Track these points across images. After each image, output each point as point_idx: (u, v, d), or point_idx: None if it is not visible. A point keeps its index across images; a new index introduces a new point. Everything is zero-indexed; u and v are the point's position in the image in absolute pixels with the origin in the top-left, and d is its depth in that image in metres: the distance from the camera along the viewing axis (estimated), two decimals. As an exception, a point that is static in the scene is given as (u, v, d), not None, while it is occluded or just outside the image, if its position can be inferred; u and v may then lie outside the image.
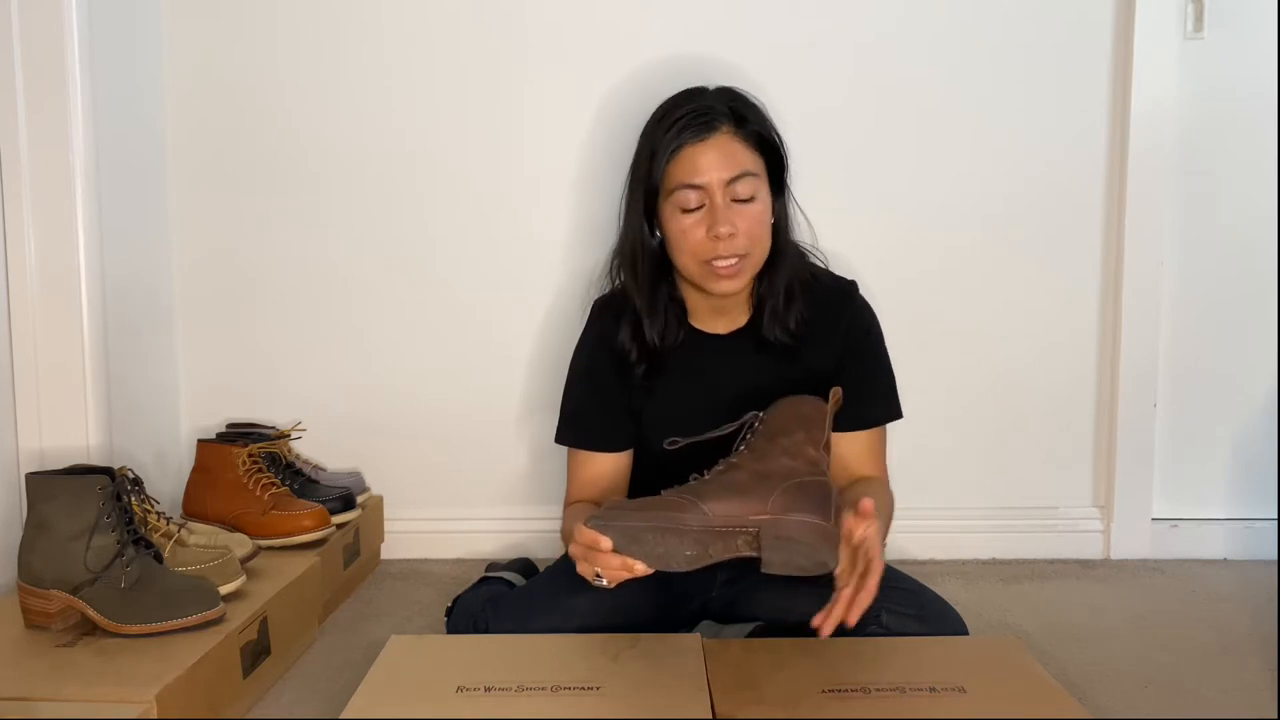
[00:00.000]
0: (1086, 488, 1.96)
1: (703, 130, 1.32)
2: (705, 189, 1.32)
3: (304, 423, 1.90)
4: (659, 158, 1.34)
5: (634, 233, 1.41)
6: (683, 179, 1.32)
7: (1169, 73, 1.85)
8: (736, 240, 1.32)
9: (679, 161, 1.33)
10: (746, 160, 1.33)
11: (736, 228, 1.31)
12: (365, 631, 1.62)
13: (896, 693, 1.12)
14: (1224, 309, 1.92)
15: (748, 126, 1.35)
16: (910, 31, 1.87)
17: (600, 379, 1.45)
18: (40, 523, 1.28)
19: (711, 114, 1.33)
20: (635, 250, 1.41)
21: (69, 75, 1.59)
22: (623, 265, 1.44)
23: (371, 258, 1.93)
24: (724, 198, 1.31)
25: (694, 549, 1.09)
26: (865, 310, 1.46)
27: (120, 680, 1.14)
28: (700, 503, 1.10)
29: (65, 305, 1.62)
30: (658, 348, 1.42)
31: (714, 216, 1.31)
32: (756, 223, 1.33)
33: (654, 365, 1.43)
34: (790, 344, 1.40)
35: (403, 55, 1.89)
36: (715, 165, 1.32)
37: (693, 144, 1.32)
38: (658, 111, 1.40)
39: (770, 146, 1.37)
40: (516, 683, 1.14)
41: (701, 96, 1.37)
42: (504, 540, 1.96)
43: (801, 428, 1.15)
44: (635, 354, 1.43)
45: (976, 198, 1.90)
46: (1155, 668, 1.46)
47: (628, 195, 1.42)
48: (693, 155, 1.32)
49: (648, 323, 1.41)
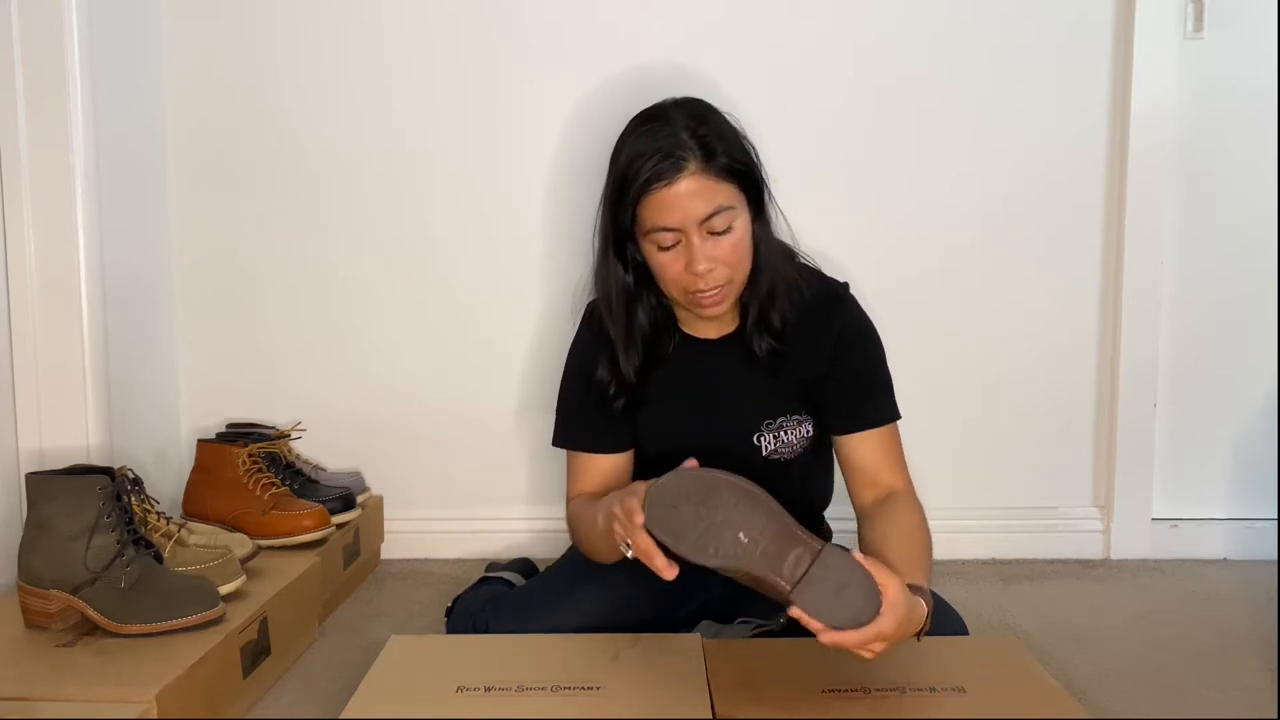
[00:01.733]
0: (1086, 488, 1.96)
1: (670, 170, 1.26)
2: (680, 229, 1.28)
3: (304, 423, 1.90)
4: (626, 200, 1.29)
5: (608, 270, 1.37)
6: (656, 221, 1.28)
7: (1169, 73, 1.85)
8: (716, 273, 1.29)
9: (649, 203, 1.28)
10: (719, 195, 1.27)
11: (715, 260, 1.28)
12: (365, 631, 1.62)
13: (896, 693, 1.12)
14: (1224, 309, 1.92)
15: (717, 160, 1.27)
16: (910, 32, 1.87)
17: (593, 379, 1.44)
18: (40, 523, 1.28)
19: (678, 151, 1.26)
20: (609, 287, 1.38)
21: (69, 75, 1.59)
22: (599, 299, 1.41)
23: (372, 258, 1.93)
24: (700, 235, 1.27)
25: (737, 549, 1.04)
26: (856, 311, 1.44)
27: (120, 680, 1.14)
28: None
29: (65, 305, 1.62)
30: (632, 380, 1.40)
31: (691, 254, 1.27)
32: (735, 251, 1.30)
33: (631, 399, 1.41)
34: (779, 349, 1.39)
35: (403, 55, 1.89)
36: (688, 206, 1.26)
37: (661, 187, 1.26)
38: (622, 141, 1.33)
39: (743, 172, 1.31)
40: (516, 683, 1.14)
41: (667, 124, 1.29)
42: (504, 540, 1.96)
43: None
44: (614, 387, 1.41)
45: (976, 198, 1.90)
46: (1155, 668, 1.46)
47: (600, 228, 1.38)
48: (663, 197, 1.26)
49: (623, 356, 1.39)
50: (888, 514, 1.32)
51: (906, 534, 1.28)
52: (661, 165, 1.26)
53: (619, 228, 1.33)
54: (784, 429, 1.41)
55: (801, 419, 1.41)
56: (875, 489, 1.38)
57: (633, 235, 1.34)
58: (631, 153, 1.29)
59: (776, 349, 1.38)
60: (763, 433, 1.40)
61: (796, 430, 1.41)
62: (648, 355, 1.41)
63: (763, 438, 1.40)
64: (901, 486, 1.38)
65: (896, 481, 1.38)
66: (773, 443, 1.41)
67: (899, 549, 1.23)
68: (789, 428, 1.41)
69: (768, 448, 1.41)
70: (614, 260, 1.37)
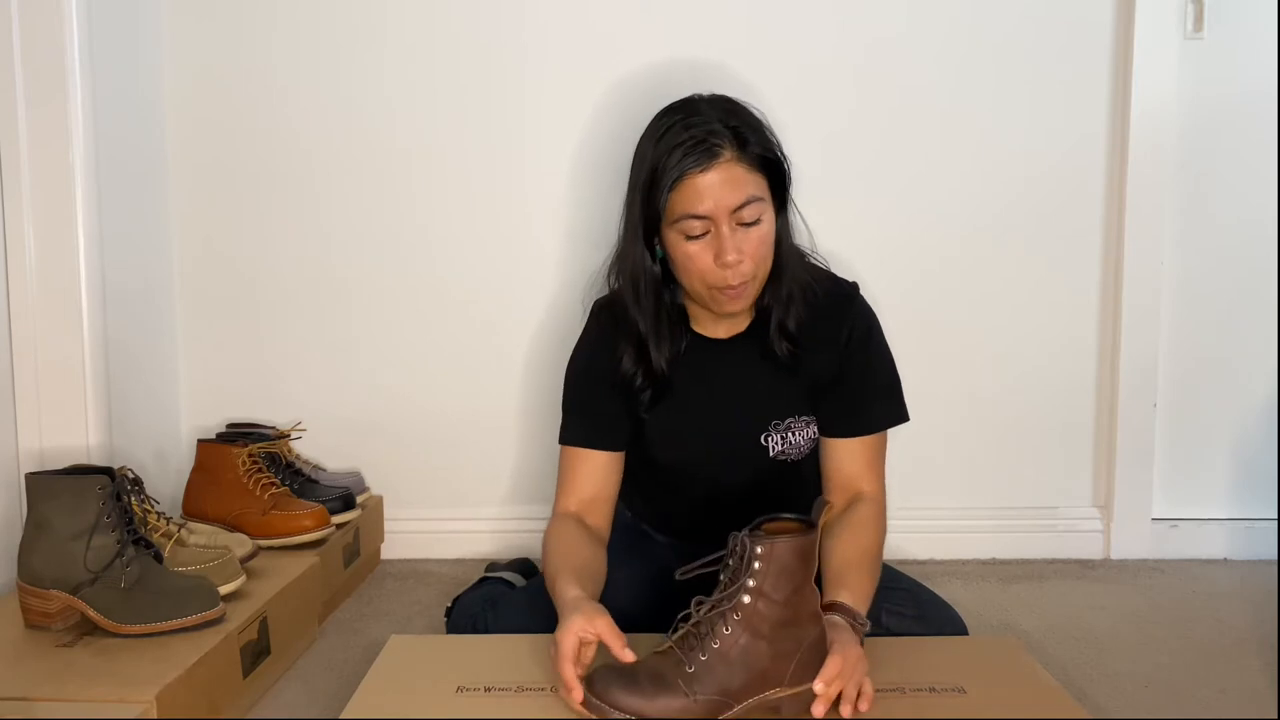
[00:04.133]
0: (1086, 488, 1.96)
1: (705, 158, 1.26)
2: (711, 218, 1.28)
3: (304, 423, 1.90)
4: (660, 185, 1.29)
5: (636, 259, 1.36)
6: (687, 209, 1.28)
7: (1169, 73, 1.85)
8: (744, 265, 1.29)
9: (681, 190, 1.28)
10: (751, 185, 1.28)
11: (743, 253, 1.28)
12: (365, 631, 1.62)
13: (896, 693, 1.12)
14: (1224, 309, 1.92)
15: (750, 149, 1.28)
16: (912, 35, 1.87)
17: (600, 377, 1.44)
18: (40, 523, 1.29)
19: (713, 138, 1.27)
20: (638, 277, 1.37)
21: (69, 75, 1.59)
22: (624, 289, 1.40)
23: (372, 258, 1.93)
24: (729, 225, 1.27)
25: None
26: (866, 313, 1.44)
27: (120, 680, 1.14)
28: (697, 690, 1.04)
29: (65, 305, 1.62)
30: (664, 370, 1.39)
31: (721, 245, 1.27)
32: (762, 245, 1.30)
33: (660, 387, 1.41)
34: (793, 350, 1.39)
35: (403, 57, 1.89)
36: (720, 194, 1.26)
37: (695, 173, 1.26)
38: (654, 130, 1.33)
39: (773, 165, 1.32)
40: (516, 683, 1.14)
41: (698, 114, 1.29)
42: (504, 540, 1.96)
43: (804, 566, 1.07)
44: (640, 378, 1.40)
45: (976, 199, 1.90)
46: (1155, 668, 1.46)
47: (626, 217, 1.38)
48: (696, 184, 1.27)
49: (654, 347, 1.38)
50: (844, 526, 1.31)
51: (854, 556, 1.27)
52: (697, 151, 1.26)
53: (650, 216, 1.32)
54: (791, 429, 1.40)
55: (809, 420, 1.41)
56: (846, 494, 1.37)
57: (658, 227, 1.33)
58: (666, 141, 1.29)
59: (792, 349, 1.38)
60: (770, 433, 1.40)
61: (804, 431, 1.41)
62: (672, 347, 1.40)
63: (770, 438, 1.40)
64: (871, 492, 1.37)
65: (870, 489, 1.37)
66: (780, 444, 1.40)
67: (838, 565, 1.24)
68: (797, 429, 1.41)
69: (775, 448, 1.40)
70: (644, 250, 1.35)
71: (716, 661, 1.05)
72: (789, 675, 1.05)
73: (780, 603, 1.05)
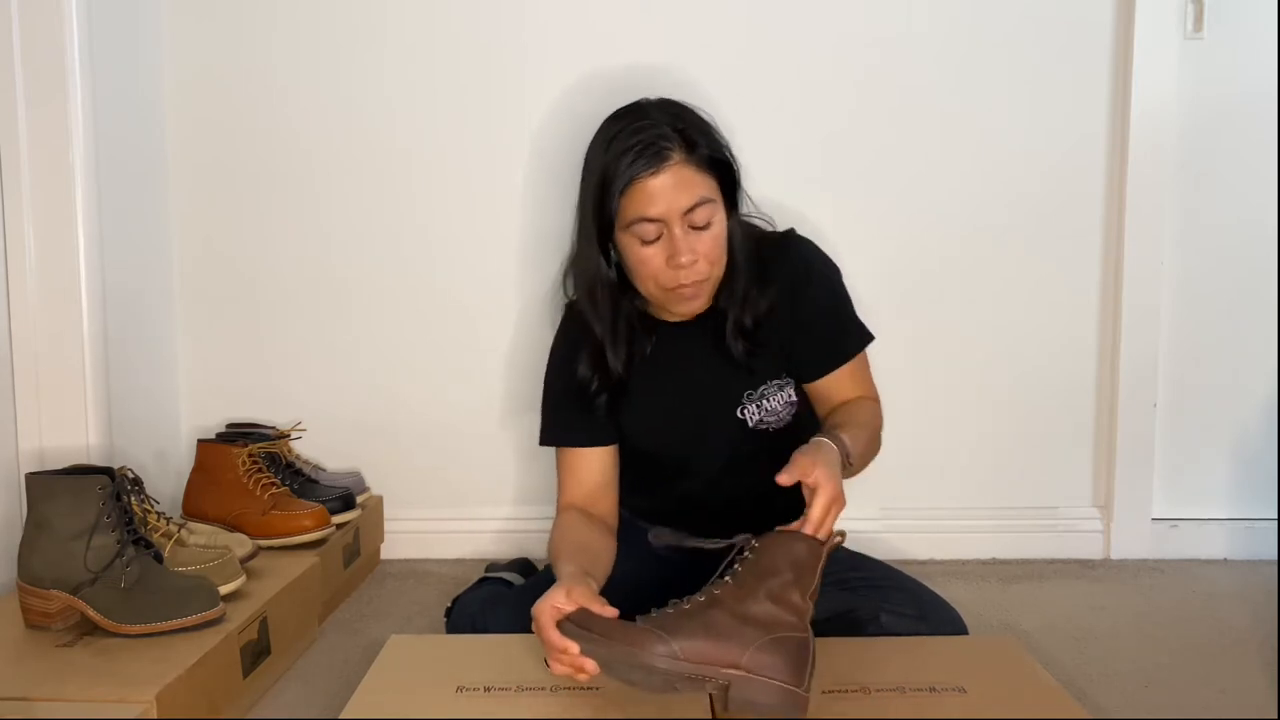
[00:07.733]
0: (1086, 488, 1.96)
1: (655, 161, 1.27)
2: (663, 220, 1.29)
3: (304, 423, 1.90)
4: (611, 190, 1.30)
5: (591, 265, 1.37)
6: (639, 212, 1.29)
7: (1169, 73, 1.85)
8: (698, 266, 1.30)
9: (632, 194, 1.29)
10: (701, 187, 1.29)
11: (697, 253, 1.29)
12: (365, 631, 1.62)
13: (896, 693, 1.12)
14: (1224, 309, 1.92)
15: (699, 151, 1.30)
16: (912, 35, 1.86)
17: (576, 376, 1.45)
18: (40, 523, 1.29)
19: (662, 141, 1.28)
20: (593, 283, 1.38)
21: (69, 75, 1.59)
22: (580, 296, 1.41)
23: (372, 258, 1.93)
24: (682, 227, 1.28)
25: (661, 683, 1.06)
26: (803, 249, 1.43)
27: (120, 680, 1.14)
28: (673, 640, 1.05)
29: (65, 305, 1.62)
30: (620, 374, 1.40)
31: (674, 246, 1.28)
32: (715, 246, 1.31)
33: (615, 394, 1.42)
34: (749, 348, 1.40)
35: (403, 57, 1.89)
36: (671, 196, 1.27)
37: (646, 176, 1.27)
38: (602, 136, 1.34)
39: (722, 165, 1.33)
40: (516, 683, 1.14)
41: (646, 118, 1.31)
42: (504, 540, 1.96)
43: (792, 570, 1.09)
44: (596, 384, 1.41)
45: (978, 200, 1.90)
46: (1155, 668, 1.46)
47: (579, 224, 1.39)
48: (647, 188, 1.28)
49: (610, 351, 1.40)
50: (845, 408, 1.38)
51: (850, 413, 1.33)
52: (646, 155, 1.28)
53: (602, 222, 1.33)
54: (766, 397, 1.41)
55: (782, 383, 1.42)
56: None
57: (611, 233, 1.34)
58: (614, 146, 1.31)
59: (749, 348, 1.39)
60: (745, 405, 1.41)
61: (779, 396, 1.42)
62: (630, 350, 1.42)
63: (746, 410, 1.41)
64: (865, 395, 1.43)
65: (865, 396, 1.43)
66: (757, 413, 1.41)
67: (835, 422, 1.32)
68: (770, 394, 1.42)
69: (753, 419, 1.42)
70: (598, 255, 1.37)
71: (681, 616, 1.08)
72: (746, 658, 1.05)
73: (763, 596, 1.07)
